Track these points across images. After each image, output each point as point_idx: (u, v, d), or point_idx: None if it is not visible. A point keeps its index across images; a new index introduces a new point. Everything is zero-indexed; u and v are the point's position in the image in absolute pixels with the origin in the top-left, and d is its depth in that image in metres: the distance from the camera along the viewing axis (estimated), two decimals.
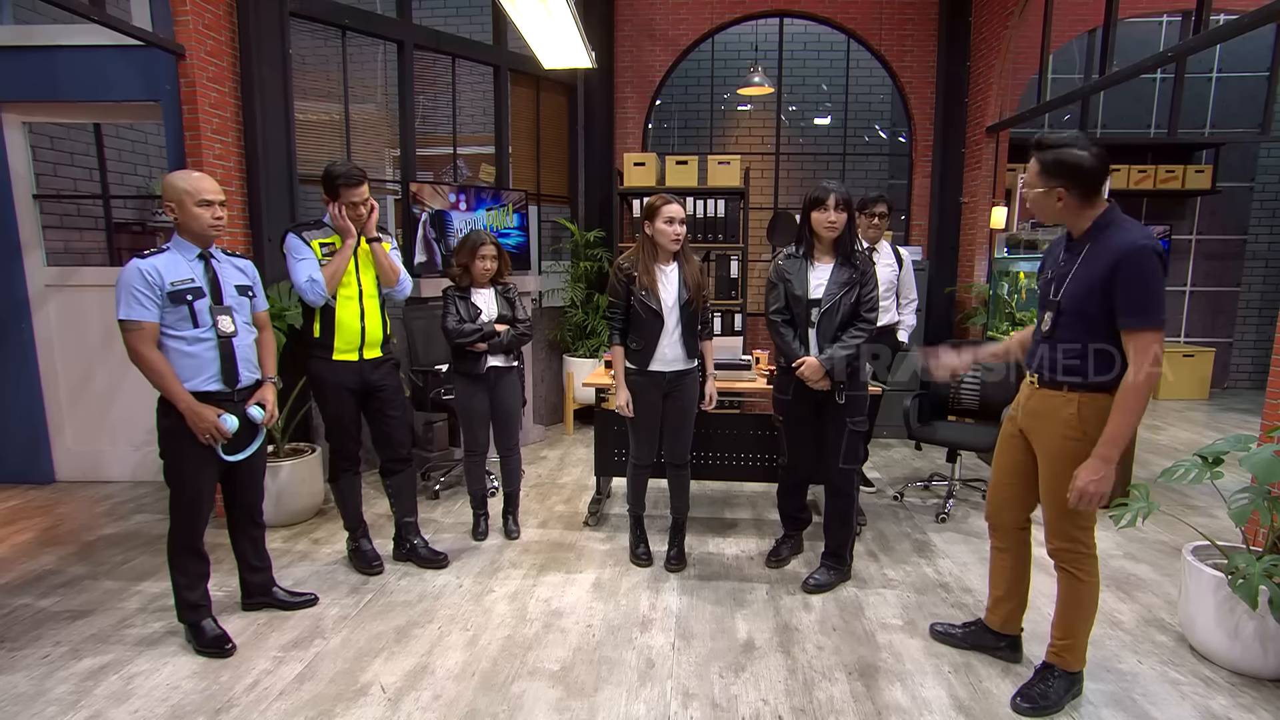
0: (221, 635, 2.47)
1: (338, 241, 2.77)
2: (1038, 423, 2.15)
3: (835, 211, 2.73)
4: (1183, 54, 3.70)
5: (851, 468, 2.92)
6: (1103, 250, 1.94)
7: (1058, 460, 2.09)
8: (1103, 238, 1.96)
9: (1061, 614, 2.21)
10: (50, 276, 3.98)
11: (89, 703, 2.15)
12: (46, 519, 3.65)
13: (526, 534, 3.49)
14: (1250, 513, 2.39)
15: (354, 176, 2.74)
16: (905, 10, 5.88)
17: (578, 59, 3.88)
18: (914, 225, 6.18)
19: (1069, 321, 2.03)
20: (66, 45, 3.51)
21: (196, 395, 2.33)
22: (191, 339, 2.32)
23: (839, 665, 2.39)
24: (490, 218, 4.83)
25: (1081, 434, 2.02)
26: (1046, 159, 1.97)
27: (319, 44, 4.24)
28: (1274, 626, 2.17)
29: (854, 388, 2.83)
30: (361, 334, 2.83)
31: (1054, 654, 2.23)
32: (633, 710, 2.15)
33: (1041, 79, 5.03)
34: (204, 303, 2.35)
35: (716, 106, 7.41)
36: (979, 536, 3.51)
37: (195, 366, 2.33)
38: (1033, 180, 2.01)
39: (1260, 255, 7.66)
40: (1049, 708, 2.17)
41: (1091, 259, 1.97)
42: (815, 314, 2.80)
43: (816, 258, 2.86)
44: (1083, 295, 1.98)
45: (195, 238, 2.37)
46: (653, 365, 2.93)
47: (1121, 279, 1.89)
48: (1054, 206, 2.00)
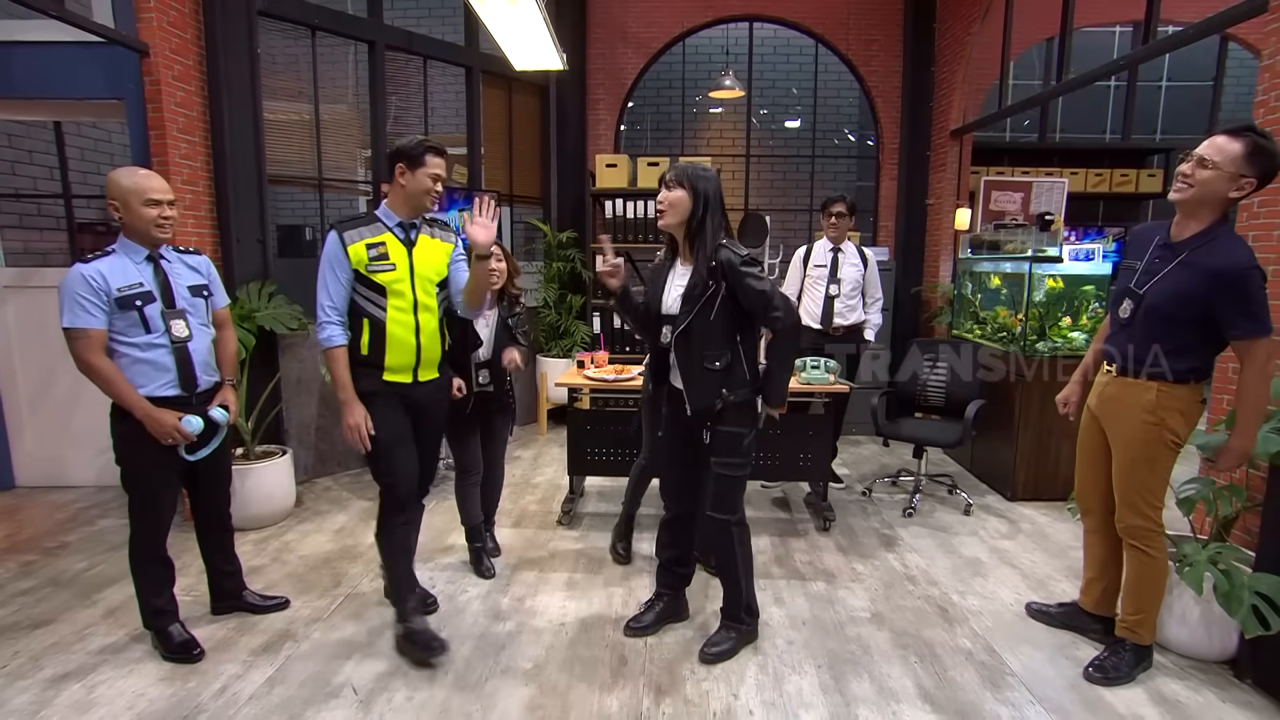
0: (189, 640, 2.43)
1: (389, 241, 2.28)
2: (1114, 408, 2.30)
3: (664, 189, 2.25)
4: (1134, 62, 3.85)
5: (725, 518, 2.38)
6: (1207, 261, 2.03)
7: (1133, 444, 2.24)
8: (1206, 248, 2.05)
9: (1133, 589, 2.35)
10: (9, 278, 3.89)
11: (50, 713, 2.11)
12: (6, 525, 3.56)
13: (500, 534, 3.47)
14: (1196, 503, 2.50)
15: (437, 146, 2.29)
16: (871, 16, 6.00)
17: (549, 61, 3.89)
18: (881, 226, 6.31)
19: (1152, 316, 2.15)
20: (26, 41, 3.41)
21: (153, 400, 2.27)
22: (144, 345, 2.24)
23: (808, 659, 2.44)
24: (463, 218, 4.83)
25: (1158, 420, 2.18)
26: (1263, 145, 1.97)
27: (289, 44, 4.19)
28: (1218, 611, 2.26)
29: (726, 422, 2.30)
30: (417, 353, 2.35)
31: (1125, 629, 2.38)
32: (606, 707, 2.17)
33: (1003, 85, 5.17)
34: (155, 307, 2.26)
35: (688, 109, 7.49)
36: (945, 530, 3.61)
37: (149, 373, 2.26)
38: (1230, 160, 1.98)
39: None
40: (1120, 679, 2.31)
41: (1192, 265, 2.06)
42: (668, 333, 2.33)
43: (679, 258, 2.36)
44: (1174, 298, 2.09)
45: (142, 238, 2.26)
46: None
47: (1230, 295, 2.00)
48: (1223, 192, 2.01)
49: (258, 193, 3.81)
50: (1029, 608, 2.77)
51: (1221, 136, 2.02)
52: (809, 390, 3.46)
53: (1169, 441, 2.20)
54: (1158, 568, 2.30)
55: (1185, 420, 2.19)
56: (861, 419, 4.69)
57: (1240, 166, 1.97)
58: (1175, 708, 2.18)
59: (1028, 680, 2.32)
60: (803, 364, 3.53)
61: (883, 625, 2.66)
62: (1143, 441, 2.22)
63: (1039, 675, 2.36)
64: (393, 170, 2.27)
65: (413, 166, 2.25)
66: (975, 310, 4.75)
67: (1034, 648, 2.52)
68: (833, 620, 2.69)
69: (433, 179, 2.27)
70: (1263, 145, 1.96)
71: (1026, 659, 2.45)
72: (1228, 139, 2.00)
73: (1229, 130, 2.02)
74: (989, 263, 4.67)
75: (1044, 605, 2.74)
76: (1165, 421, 2.18)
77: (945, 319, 5.39)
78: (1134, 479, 2.26)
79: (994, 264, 4.64)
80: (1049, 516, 3.81)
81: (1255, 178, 1.98)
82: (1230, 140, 1.99)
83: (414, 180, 2.26)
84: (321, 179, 4.40)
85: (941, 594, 2.92)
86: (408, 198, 2.29)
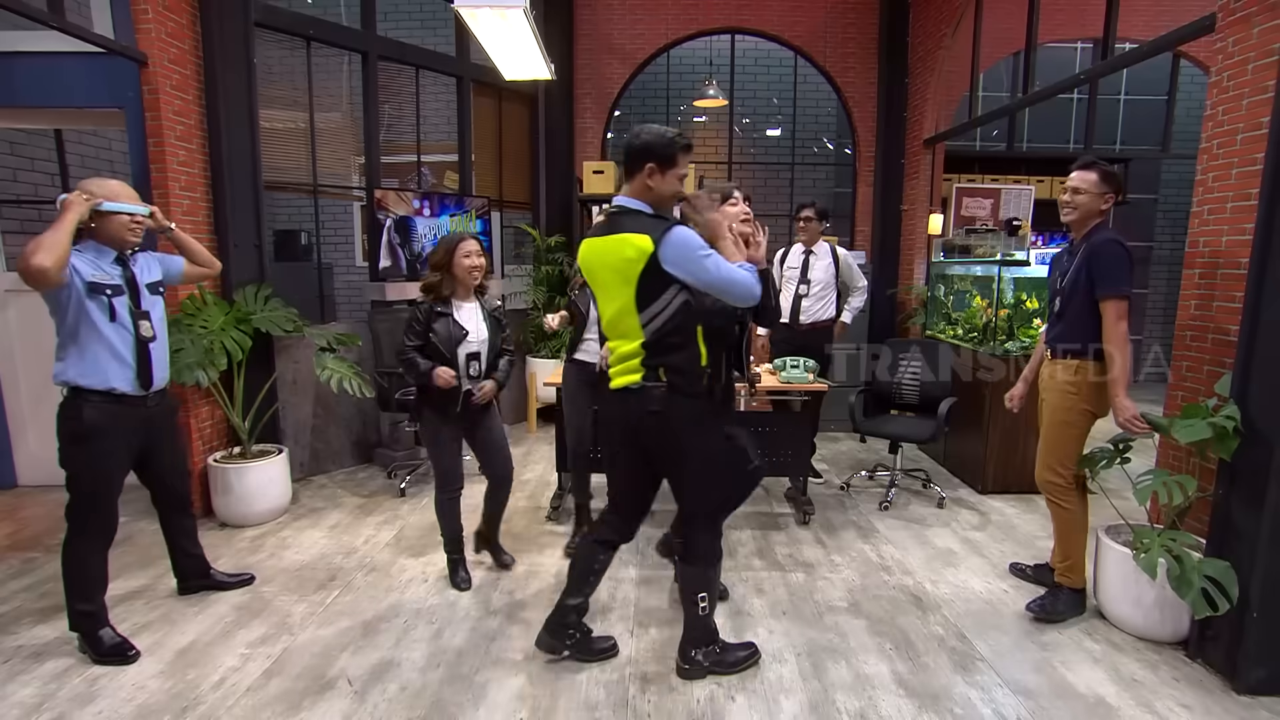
0: (121, 643, 2.42)
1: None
2: (1047, 384, 2.79)
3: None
4: (1094, 77, 4.02)
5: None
6: (1088, 245, 2.58)
7: (1056, 411, 2.73)
8: (1091, 237, 2.60)
9: (1058, 539, 2.83)
10: (9, 282, 3.93)
11: (52, 705, 2.15)
12: (9, 523, 3.59)
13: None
14: (1151, 493, 2.64)
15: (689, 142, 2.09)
16: (848, 30, 6.18)
17: (538, 71, 3.98)
18: (858, 231, 6.48)
19: (1068, 304, 2.65)
20: (27, 52, 3.46)
21: (109, 396, 2.30)
22: (110, 331, 2.29)
23: (788, 647, 2.52)
24: (454, 223, 4.92)
25: (1076, 389, 2.66)
26: (1109, 170, 2.60)
27: (284, 54, 4.26)
28: (1170, 594, 2.38)
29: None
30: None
31: (1059, 575, 2.81)
32: (593, 695, 2.23)
33: (972, 96, 5.35)
34: (123, 300, 2.33)
35: (673, 117, 7.63)
36: (919, 523, 3.74)
37: (110, 363, 2.30)
38: (1092, 185, 2.58)
39: (1164, 260, 8.30)
40: (1055, 616, 2.73)
41: (1080, 253, 2.60)
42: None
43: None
44: (1073, 281, 2.61)
45: (113, 242, 2.34)
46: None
47: (1093, 263, 2.54)
48: (1095, 207, 2.60)
49: (254, 199, 3.87)
50: (1011, 567, 3.17)
51: (1079, 170, 2.62)
52: (788, 389, 3.59)
53: (1082, 409, 2.67)
54: (1074, 519, 2.75)
55: (1099, 391, 2.63)
56: (840, 416, 4.82)
57: (1100, 187, 2.58)
58: (1132, 686, 2.30)
59: (996, 664, 2.43)
60: (782, 363, 3.66)
61: (859, 614, 2.76)
62: (1064, 408, 2.70)
63: (1007, 659, 2.46)
64: (635, 167, 2.03)
65: (665, 167, 2.02)
66: (948, 312, 4.90)
67: (1002, 633, 2.64)
68: (811, 610, 2.79)
69: (681, 180, 2.05)
70: (1108, 170, 2.59)
71: (995, 643, 2.56)
72: (1085, 171, 2.61)
73: (1083, 165, 2.63)
74: (959, 266, 4.83)
75: (1023, 565, 3.14)
76: (1080, 391, 2.65)
77: (919, 320, 5.54)
78: (1050, 441, 2.75)
79: (965, 267, 4.80)
80: (1017, 509, 3.96)
81: (1114, 192, 2.61)
82: (1087, 171, 2.60)
83: (664, 183, 2.04)
84: (316, 185, 4.47)
85: (915, 583, 3.03)
86: (656, 201, 2.07)
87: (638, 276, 2.00)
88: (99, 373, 2.29)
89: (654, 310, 2.04)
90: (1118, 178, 2.62)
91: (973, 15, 5.16)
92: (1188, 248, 2.68)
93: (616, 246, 2.02)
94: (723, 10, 6.13)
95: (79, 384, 2.29)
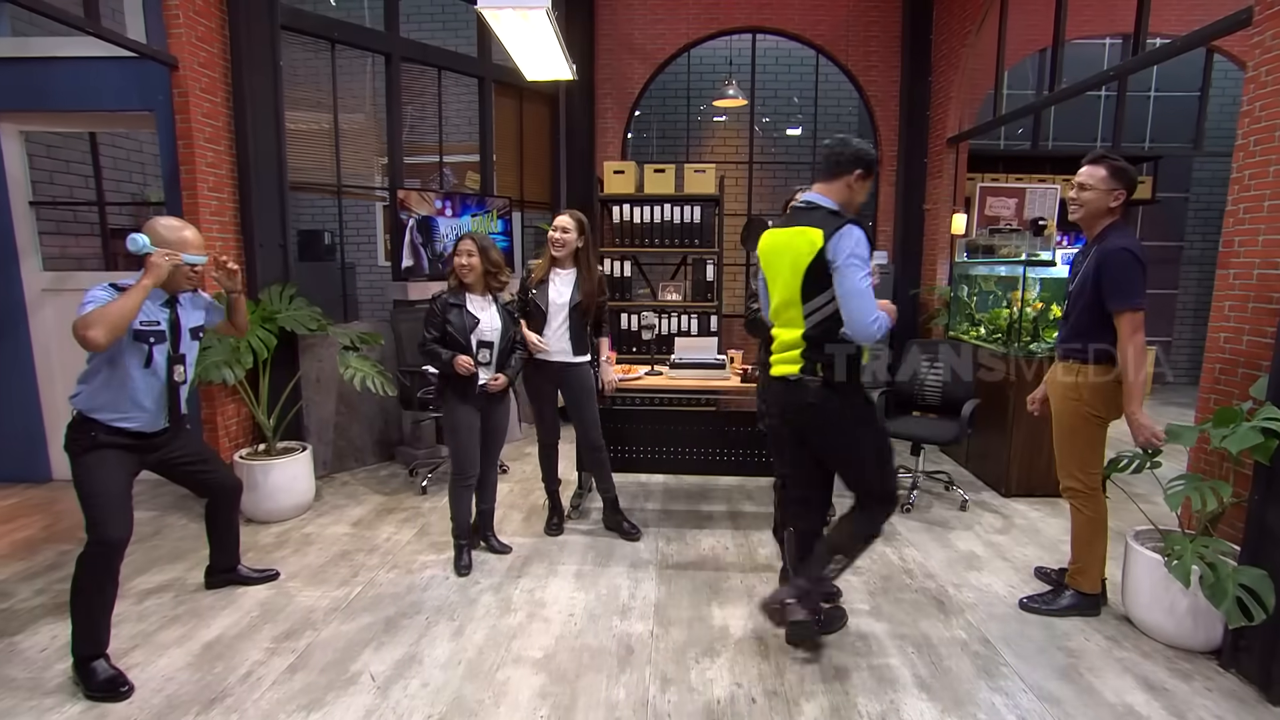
0: (115, 677, 2.24)
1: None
2: (1055, 389, 2.71)
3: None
4: (1123, 73, 3.95)
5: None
6: (1098, 249, 2.46)
7: (1062, 417, 2.67)
8: (1103, 240, 2.47)
9: (1074, 542, 2.76)
10: (46, 281, 4.02)
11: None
12: (44, 517, 3.68)
13: (511, 527, 3.58)
14: (1183, 498, 2.58)
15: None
16: (870, 29, 6.12)
17: (559, 71, 4.00)
18: (880, 231, 6.42)
19: (1075, 306, 2.58)
20: (63, 57, 3.56)
21: (113, 432, 2.28)
22: (138, 376, 2.29)
23: (810, 649, 2.49)
24: (475, 223, 4.96)
25: (1078, 396, 2.58)
26: (1120, 165, 2.47)
27: (309, 56, 4.33)
28: (1203, 602, 2.33)
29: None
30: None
31: (1070, 576, 2.79)
32: (613, 694, 2.23)
33: (997, 94, 5.27)
34: (162, 349, 2.32)
35: (693, 117, 7.61)
36: (941, 525, 3.69)
37: (125, 404, 2.28)
38: (1100, 181, 2.47)
39: (1195, 260, 8.08)
40: (1047, 610, 2.75)
41: (1090, 255, 2.50)
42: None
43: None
44: (1080, 284, 2.52)
45: (168, 286, 2.35)
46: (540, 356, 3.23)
47: (1105, 272, 2.41)
48: (1104, 204, 2.48)
49: (279, 199, 3.93)
50: (1036, 571, 3.11)
51: (1087, 165, 2.51)
52: None
53: (1087, 415, 2.59)
54: (1092, 525, 2.67)
55: (1100, 395, 2.54)
56: None
57: (1108, 184, 2.46)
58: (1163, 695, 2.25)
59: (1020, 669, 2.39)
60: None
61: (881, 617, 2.74)
62: (1067, 413, 2.64)
63: (1032, 664, 2.42)
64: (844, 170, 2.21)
65: (867, 176, 2.24)
66: (971, 313, 4.84)
67: (1027, 638, 2.59)
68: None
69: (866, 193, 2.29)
70: (1118, 165, 2.46)
71: (1019, 649, 2.52)
72: (1093, 166, 2.49)
73: (1092, 159, 2.51)
74: (984, 266, 4.77)
75: (1048, 569, 3.08)
76: (1083, 397, 2.57)
77: (942, 320, 5.47)
78: (1064, 447, 2.68)
79: (989, 268, 4.74)
80: (1041, 512, 3.89)
81: (1124, 189, 2.47)
82: (1096, 167, 2.49)
83: (862, 190, 2.26)
84: (340, 186, 4.54)
85: (938, 587, 2.99)
86: (848, 203, 2.25)
87: (805, 269, 2.14)
88: (116, 410, 2.29)
89: (818, 303, 2.17)
90: (1129, 174, 2.47)
91: (998, 11, 5.09)
92: (1222, 247, 2.63)
93: (795, 239, 2.19)
94: (744, 9, 6.11)
95: (93, 417, 2.28)
